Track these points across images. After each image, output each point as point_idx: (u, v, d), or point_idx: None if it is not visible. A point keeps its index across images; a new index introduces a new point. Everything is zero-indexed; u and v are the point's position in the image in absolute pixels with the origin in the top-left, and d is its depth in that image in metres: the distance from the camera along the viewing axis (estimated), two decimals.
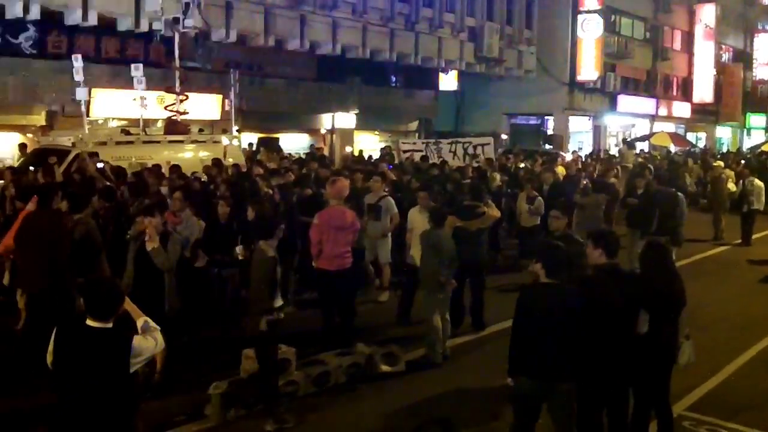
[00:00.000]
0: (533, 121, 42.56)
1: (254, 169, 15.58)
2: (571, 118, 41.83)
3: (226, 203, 10.77)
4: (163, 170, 14.34)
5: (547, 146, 35.23)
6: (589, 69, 41.01)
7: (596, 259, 6.62)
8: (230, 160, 17.02)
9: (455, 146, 20.46)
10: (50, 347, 4.99)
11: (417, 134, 35.90)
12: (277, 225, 8.17)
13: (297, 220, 11.72)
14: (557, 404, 6.18)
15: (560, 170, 20.39)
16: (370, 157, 24.89)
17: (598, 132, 44.49)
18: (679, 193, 15.12)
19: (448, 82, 38.27)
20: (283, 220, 9.48)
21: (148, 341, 5.02)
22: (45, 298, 8.27)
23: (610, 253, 6.60)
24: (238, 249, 8.80)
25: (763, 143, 41.99)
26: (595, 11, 40.59)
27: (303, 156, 21.72)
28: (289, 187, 13.15)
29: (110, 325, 4.92)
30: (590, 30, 40.64)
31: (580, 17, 40.82)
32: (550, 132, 41.50)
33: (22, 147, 18.31)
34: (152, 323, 5.20)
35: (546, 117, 42.00)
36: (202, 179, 14.75)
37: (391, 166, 18.54)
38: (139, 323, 5.17)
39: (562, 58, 40.80)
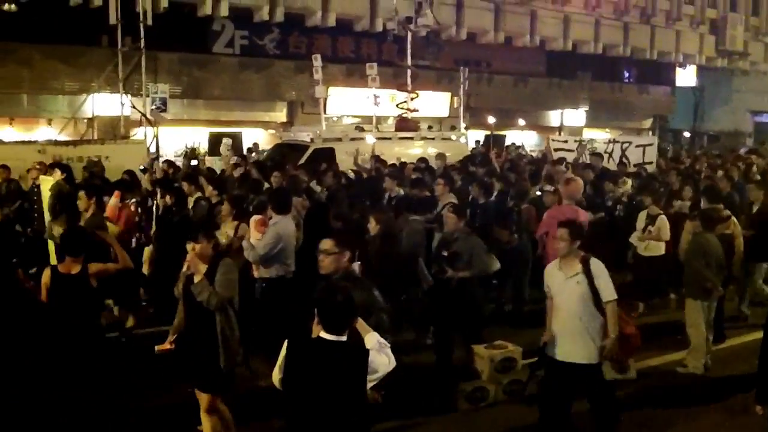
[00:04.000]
0: None
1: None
2: None
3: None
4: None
5: None
6: None
7: None
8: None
9: (612, 147, 18.11)
10: (279, 363, 4.63)
11: (650, 132, 34.47)
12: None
13: None
14: None
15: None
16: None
17: None
18: None
19: (686, 77, 36.45)
20: None
21: (382, 357, 4.61)
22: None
23: None
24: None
25: None
26: None
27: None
28: None
29: (345, 338, 4.54)
30: None
31: None
32: None
33: (255, 147, 19.48)
34: (382, 339, 4.75)
35: None
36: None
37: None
38: (370, 339, 4.73)
39: None
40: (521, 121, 28.47)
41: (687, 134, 37.07)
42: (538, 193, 12.57)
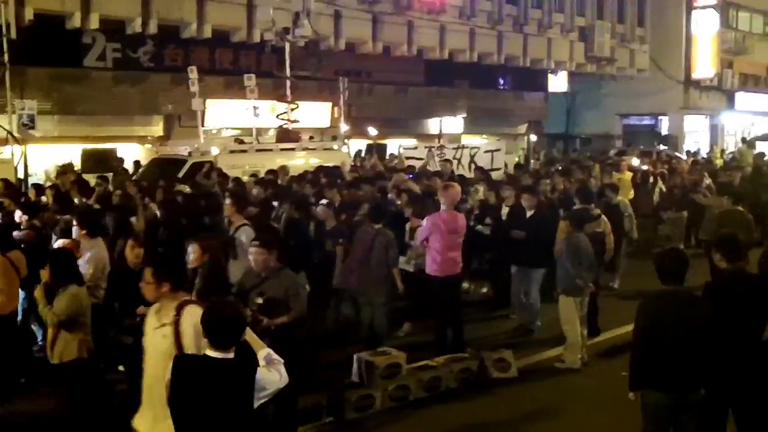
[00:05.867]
0: (647, 121, 41.53)
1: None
2: (686, 117, 40.55)
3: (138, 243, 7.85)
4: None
5: (662, 147, 34.19)
6: (705, 66, 39.69)
7: (717, 263, 6.38)
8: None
9: (461, 152, 17.82)
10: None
11: (526, 137, 35.47)
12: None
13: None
14: (688, 415, 5.92)
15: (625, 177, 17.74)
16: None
17: (715, 131, 42.97)
18: None
19: (558, 83, 37.67)
20: None
21: (273, 374, 4.57)
22: None
23: (732, 257, 6.32)
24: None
25: None
26: (710, 6, 39.29)
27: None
28: None
29: (232, 355, 4.49)
30: (705, 26, 39.38)
31: (694, 13, 39.59)
32: (664, 132, 40.31)
33: (137, 164, 19.02)
34: (275, 355, 4.71)
35: (660, 117, 40.92)
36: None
37: (411, 176, 15.94)
38: (261, 354, 4.68)
39: (676, 56, 39.57)
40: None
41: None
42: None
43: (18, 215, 10.50)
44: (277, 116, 19.70)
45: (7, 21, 17.09)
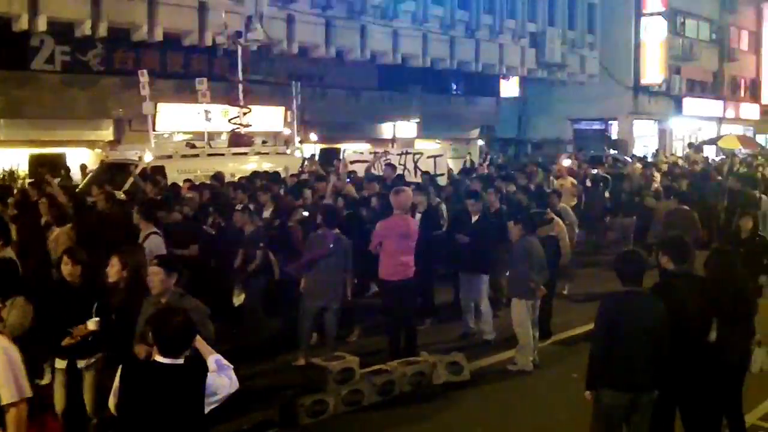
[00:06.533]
0: (597, 126, 42.02)
1: None
2: (635, 122, 41.23)
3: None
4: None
5: (612, 151, 34.69)
6: (653, 72, 40.39)
7: (664, 265, 6.48)
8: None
9: (404, 158, 17.54)
10: (114, 388, 4.56)
11: (479, 141, 35.72)
12: None
13: None
14: (640, 415, 6.00)
15: (566, 183, 17.59)
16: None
17: (663, 136, 43.73)
18: (763, 195, 14.81)
19: (510, 88, 38.05)
20: None
21: (223, 379, 4.56)
22: None
23: (678, 259, 6.44)
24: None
25: None
26: (658, 13, 40.00)
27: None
28: None
29: (181, 361, 4.48)
30: (654, 32, 40.07)
31: (643, 20, 40.26)
32: (614, 137, 40.92)
33: (83, 168, 18.73)
34: (225, 361, 4.72)
35: (610, 122, 41.49)
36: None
37: (349, 180, 15.61)
38: (211, 360, 4.67)
39: (625, 62, 40.20)
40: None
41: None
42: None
43: None
44: (230, 120, 19.54)
45: None
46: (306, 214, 11.37)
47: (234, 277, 10.73)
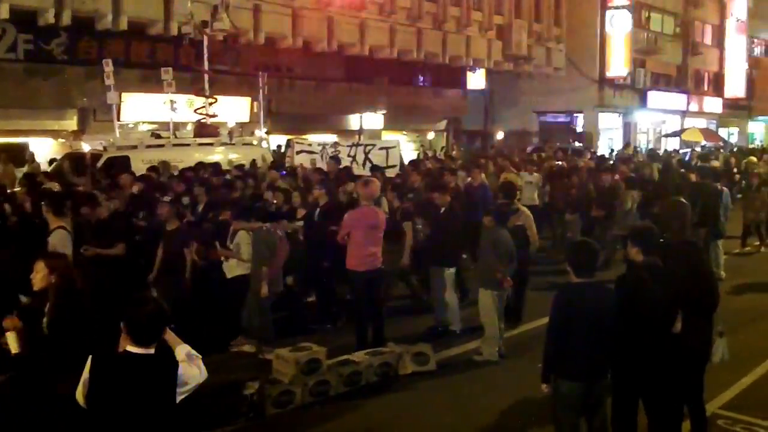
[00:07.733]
0: (563, 118, 42.42)
1: None
2: (600, 114, 41.62)
3: None
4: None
5: (577, 144, 35.01)
6: (618, 65, 40.82)
7: (634, 256, 6.55)
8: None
9: (355, 150, 17.24)
10: (83, 380, 4.46)
11: (445, 133, 35.84)
12: None
13: None
14: (596, 404, 6.13)
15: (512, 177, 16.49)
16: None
17: (628, 129, 44.19)
18: (724, 188, 14.95)
19: (477, 80, 38.19)
20: None
21: (193, 369, 4.53)
22: None
23: (648, 250, 6.51)
24: None
25: None
26: (623, 7, 40.44)
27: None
28: None
29: (153, 351, 4.45)
30: (619, 26, 40.48)
31: (608, 13, 40.66)
32: (579, 129, 41.28)
33: (52, 161, 18.50)
34: (194, 351, 4.67)
35: (576, 114, 41.86)
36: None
37: (284, 173, 15.56)
38: (181, 351, 4.62)
39: (591, 55, 40.60)
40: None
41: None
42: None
43: None
44: (195, 111, 19.42)
45: None
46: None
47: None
